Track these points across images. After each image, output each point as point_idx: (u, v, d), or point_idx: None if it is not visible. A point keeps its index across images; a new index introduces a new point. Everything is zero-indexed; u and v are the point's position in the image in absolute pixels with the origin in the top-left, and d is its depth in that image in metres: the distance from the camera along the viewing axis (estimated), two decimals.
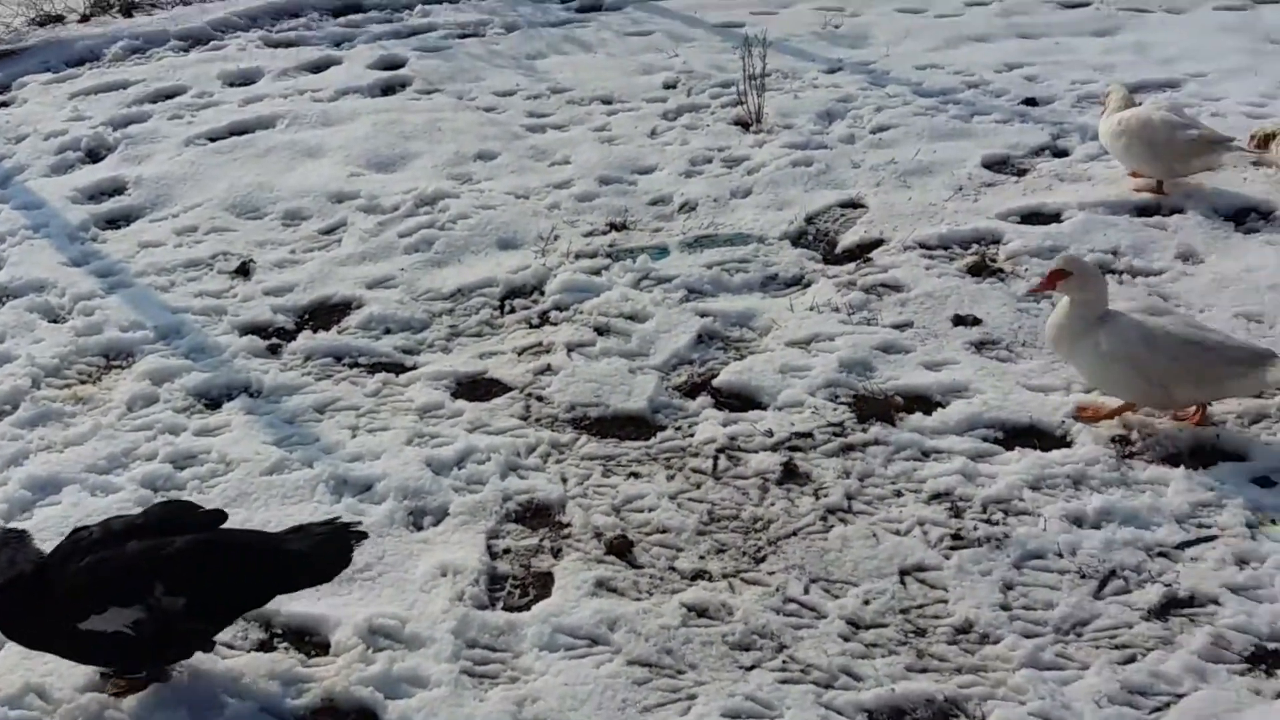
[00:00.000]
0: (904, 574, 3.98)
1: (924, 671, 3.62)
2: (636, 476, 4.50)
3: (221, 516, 3.60)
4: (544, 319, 5.54)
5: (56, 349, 5.37)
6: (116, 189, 7.01)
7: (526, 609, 3.89)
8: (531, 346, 5.32)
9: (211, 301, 5.74)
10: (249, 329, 5.53)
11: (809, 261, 5.90)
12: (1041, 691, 3.52)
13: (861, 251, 6.00)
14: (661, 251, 6.04)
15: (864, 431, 4.66)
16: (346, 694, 3.57)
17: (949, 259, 5.86)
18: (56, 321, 5.65)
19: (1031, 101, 7.62)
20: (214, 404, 5.02)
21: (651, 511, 4.31)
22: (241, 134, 7.64)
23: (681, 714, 3.51)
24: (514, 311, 5.61)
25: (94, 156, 7.47)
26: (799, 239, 6.15)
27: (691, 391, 4.98)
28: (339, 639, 3.76)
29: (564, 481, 4.47)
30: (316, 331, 5.50)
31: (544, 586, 4.00)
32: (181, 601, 3.35)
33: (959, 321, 5.33)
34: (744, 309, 5.49)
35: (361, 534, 3.68)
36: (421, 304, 5.67)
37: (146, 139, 7.62)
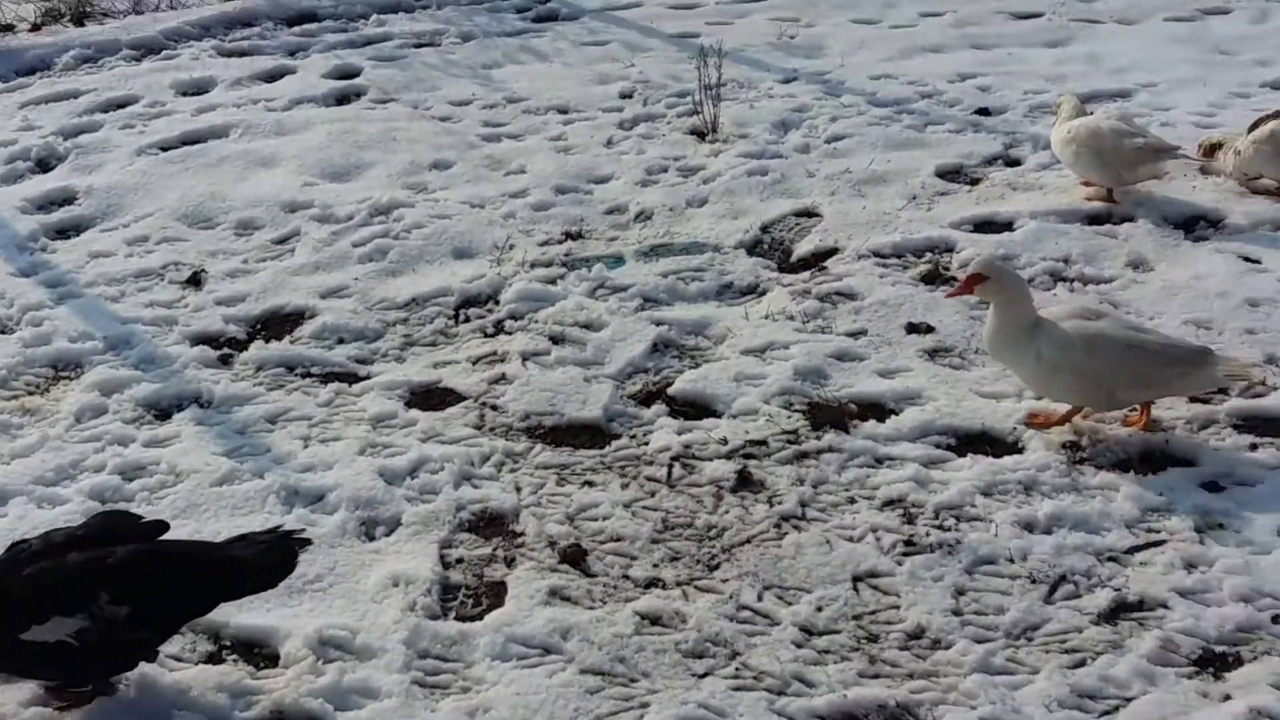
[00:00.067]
0: (857, 580, 3.99)
1: (876, 677, 3.63)
2: (591, 485, 4.48)
3: (163, 527, 3.56)
4: (499, 328, 5.52)
5: (4, 360, 5.30)
6: (67, 199, 6.94)
7: (479, 619, 3.87)
8: (486, 356, 5.30)
9: (162, 312, 5.69)
10: (200, 339, 5.48)
11: (764, 270, 5.92)
12: (992, 696, 3.53)
13: (816, 260, 6.02)
14: (617, 260, 6.04)
15: (818, 439, 4.67)
16: (296, 706, 3.54)
17: (903, 267, 5.90)
18: (4, 332, 5.58)
19: (984, 111, 7.68)
20: (164, 415, 4.97)
21: (606, 520, 4.30)
22: (194, 143, 7.59)
23: None
24: (469, 321, 5.59)
25: (44, 166, 7.40)
26: (754, 248, 6.17)
27: (646, 400, 4.97)
28: (289, 650, 3.73)
29: (518, 490, 4.45)
30: (269, 341, 5.46)
31: (497, 596, 3.98)
32: (125, 610, 3.32)
33: (912, 329, 5.36)
34: (699, 317, 5.50)
35: (305, 540, 3.66)
36: (375, 313, 5.64)
37: (98, 148, 7.55)
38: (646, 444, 4.69)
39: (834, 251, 6.06)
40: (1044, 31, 9.25)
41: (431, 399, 5.04)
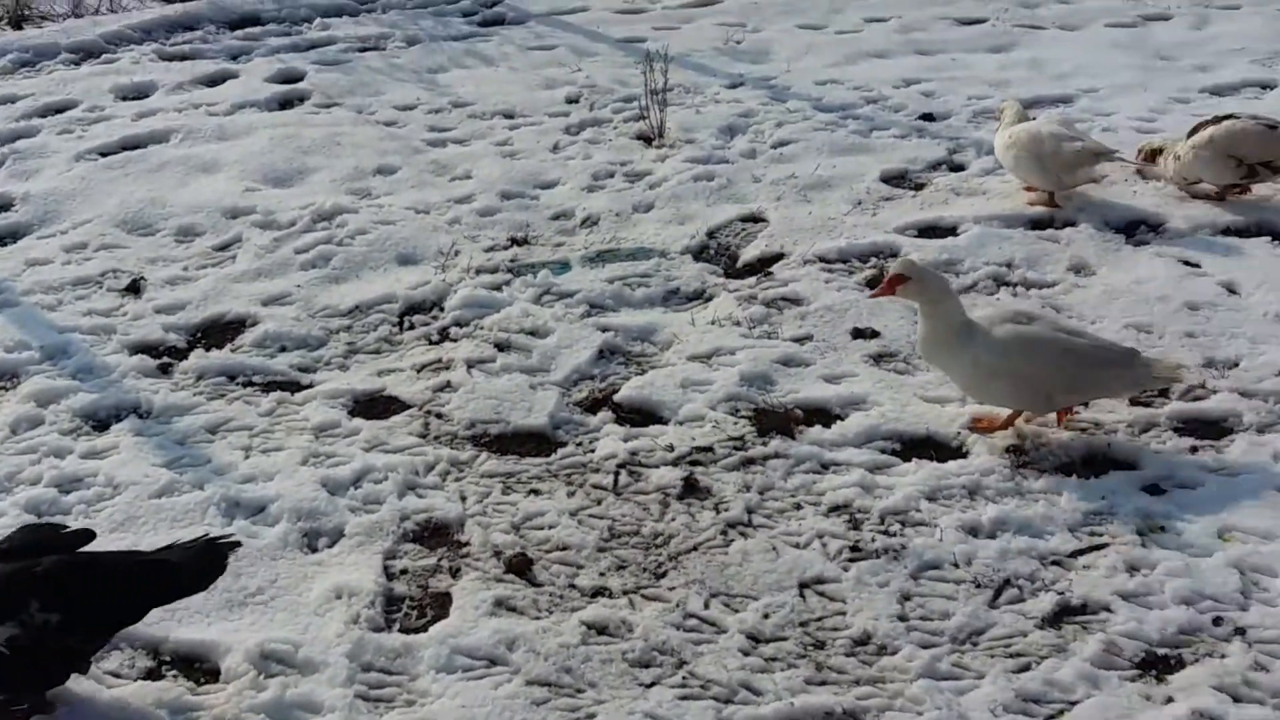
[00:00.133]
0: (803, 587, 3.99)
1: (823, 684, 3.63)
2: (537, 494, 4.46)
3: (89, 536, 3.51)
4: (444, 335, 5.48)
5: None
6: (3, 205, 6.83)
7: (424, 630, 3.84)
8: (431, 363, 5.26)
9: (100, 320, 5.60)
10: (139, 348, 5.40)
11: (710, 275, 5.91)
12: (938, 701, 3.54)
13: (762, 265, 6.02)
14: (563, 266, 6.01)
15: (764, 445, 4.67)
16: None
17: (848, 272, 5.91)
18: None
19: (929, 117, 7.73)
20: (102, 425, 4.89)
21: (552, 529, 4.27)
22: (134, 149, 7.49)
23: None
24: (413, 328, 5.55)
25: None
26: (700, 253, 6.16)
27: (593, 407, 4.95)
28: (229, 665, 3.67)
29: (463, 500, 4.42)
30: (209, 350, 5.38)
31: (442, 607, 3.94)
32: (56, 617, 3.28)
33: (858, 334, 5.38)
34: (645, 323, 5.48)
35: (235, 543, 3.62)
36: (318, 321, 5.58)
37: (35, 154, 7.43)
38: (593, 452, 4.67)
39: (780, 257, 6.07)
40: (987, 37, 9.32)
41: (375, 407, 4.99)
